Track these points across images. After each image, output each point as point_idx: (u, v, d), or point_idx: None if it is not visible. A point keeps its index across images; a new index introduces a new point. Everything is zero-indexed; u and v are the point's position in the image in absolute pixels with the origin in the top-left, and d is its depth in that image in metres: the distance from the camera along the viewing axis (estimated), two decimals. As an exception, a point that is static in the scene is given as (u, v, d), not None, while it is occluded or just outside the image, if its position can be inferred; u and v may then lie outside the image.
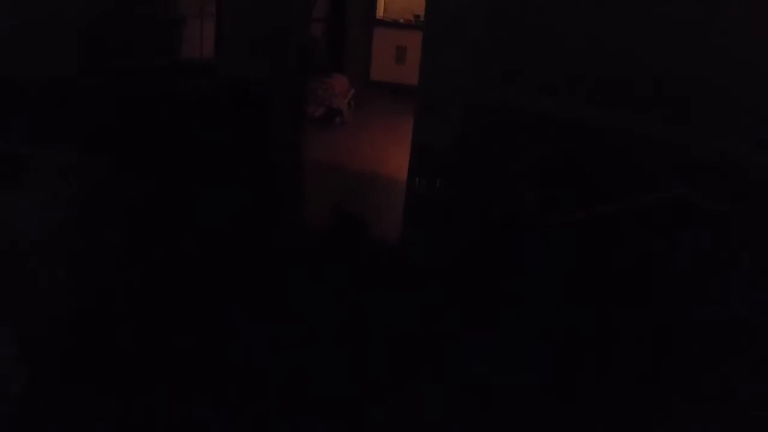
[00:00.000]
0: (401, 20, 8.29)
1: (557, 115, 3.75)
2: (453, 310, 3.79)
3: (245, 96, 4.94)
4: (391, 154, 6.10)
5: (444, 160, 4.25)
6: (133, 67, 5.24)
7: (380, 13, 8.52)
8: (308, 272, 4.22)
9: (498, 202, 3.87)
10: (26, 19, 4.85)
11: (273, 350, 3.45)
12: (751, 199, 3.40)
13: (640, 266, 3.50)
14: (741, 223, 3.40)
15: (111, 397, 3.21)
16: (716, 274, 3.37)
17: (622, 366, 3.27)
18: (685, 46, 3.44)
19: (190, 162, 4.70)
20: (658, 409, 3.06)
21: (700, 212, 3.42)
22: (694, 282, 3.42)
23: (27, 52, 4.94)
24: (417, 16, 8.09)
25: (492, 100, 3.97)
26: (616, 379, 3.22)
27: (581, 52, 3.70)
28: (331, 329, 3.68)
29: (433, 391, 3.24)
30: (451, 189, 4.21)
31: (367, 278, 4.23)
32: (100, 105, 4.82)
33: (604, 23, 3.65)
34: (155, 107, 4.89)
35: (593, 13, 3.68)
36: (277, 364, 3.35)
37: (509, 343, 3.54)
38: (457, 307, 3.79)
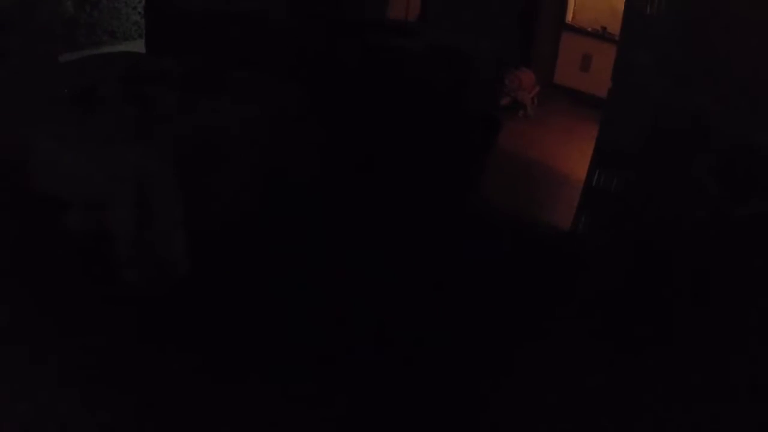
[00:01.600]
0: (589, 29, 8.31)
1: (742, 128, 3.89)
2: (627, 304, 3.92)
3: (445, 66, 5.07)
4: (569, 151, 6.27)
5: (628, 158, 4.40)
6: (339, 19, 5.49)
7: (569, 18, 8.61)
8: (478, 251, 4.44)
9: (680, 199, 3.99)
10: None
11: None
12: None
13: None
14: None
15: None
16: None
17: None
18: None
19: (376, 122, 4.92)
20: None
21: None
22: None
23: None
24: (604, 28, 8.13)
25: (678, 105, 4.13)
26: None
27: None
28: (495, 316, 3.92)
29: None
30: (633, 186, 4.35)
31: (538, 266, 4.40)
32: (302, 47, 5.13)
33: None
34: (352, 59, 5.09)
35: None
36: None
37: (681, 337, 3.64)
38: (632, 301, 3.92)
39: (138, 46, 6.05)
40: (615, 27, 5.82)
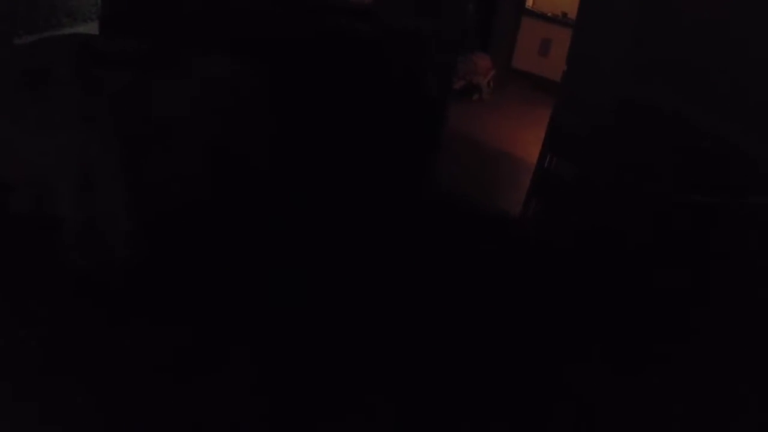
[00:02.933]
0: (549, 14, 8.35)
1: (693, 119, 3.94)
2: (572, 287, 3.97)
3: (401, 48, 5.04)
4: (524, 135, 6.31)
5: (580, 144, 4.44)
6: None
7: (529, 2, 8.61)
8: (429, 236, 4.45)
9: (629, 186, 4.04)
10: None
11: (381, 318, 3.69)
12: None
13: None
14: None
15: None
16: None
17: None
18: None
19: (329, 104, 4.91)
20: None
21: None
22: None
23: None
24: (564, 13, 8.17)
25: (633, 93, 4.17)
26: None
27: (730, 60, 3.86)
28: (448, 301, 3.91)
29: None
30: (583, 171, 4.40)
31: (488, 250, 4.43)
32: (258, 30, 5.06)
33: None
34: (307, 41, 5.04)
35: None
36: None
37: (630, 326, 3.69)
38: (580, 287, 3.97)
39: (96, 27, 5.98)
40: (575, 12, 5.69)
